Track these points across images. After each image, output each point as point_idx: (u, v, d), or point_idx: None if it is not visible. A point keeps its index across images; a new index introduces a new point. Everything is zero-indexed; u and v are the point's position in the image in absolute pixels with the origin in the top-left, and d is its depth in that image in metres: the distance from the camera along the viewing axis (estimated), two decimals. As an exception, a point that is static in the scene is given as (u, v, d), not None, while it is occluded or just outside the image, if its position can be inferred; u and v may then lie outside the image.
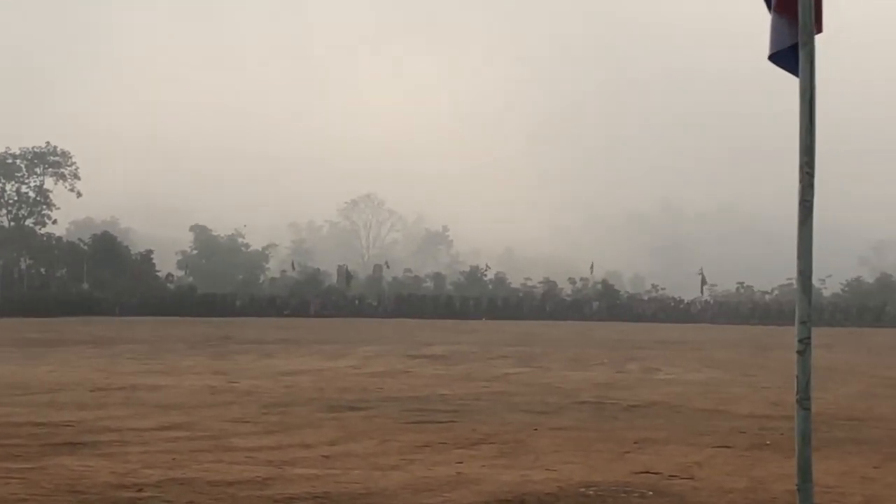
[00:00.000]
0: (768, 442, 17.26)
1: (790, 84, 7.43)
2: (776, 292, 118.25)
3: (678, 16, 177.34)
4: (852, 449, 16.90)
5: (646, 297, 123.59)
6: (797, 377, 6.82)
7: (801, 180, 7.17)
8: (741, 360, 42.26)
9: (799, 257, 7.08)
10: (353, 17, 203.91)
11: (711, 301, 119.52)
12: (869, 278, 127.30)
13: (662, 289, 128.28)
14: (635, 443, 17.20)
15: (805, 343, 6.85)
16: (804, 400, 6.81)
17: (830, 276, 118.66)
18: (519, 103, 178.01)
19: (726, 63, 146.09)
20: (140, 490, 12.10)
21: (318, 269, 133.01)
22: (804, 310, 6.94)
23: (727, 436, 18.29)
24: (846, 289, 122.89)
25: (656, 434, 18.34)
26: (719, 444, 17.21)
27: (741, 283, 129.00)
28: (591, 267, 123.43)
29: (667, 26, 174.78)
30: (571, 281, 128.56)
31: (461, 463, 14.82)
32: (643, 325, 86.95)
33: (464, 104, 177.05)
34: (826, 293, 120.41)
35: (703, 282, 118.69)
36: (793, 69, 7.45)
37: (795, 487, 7.31)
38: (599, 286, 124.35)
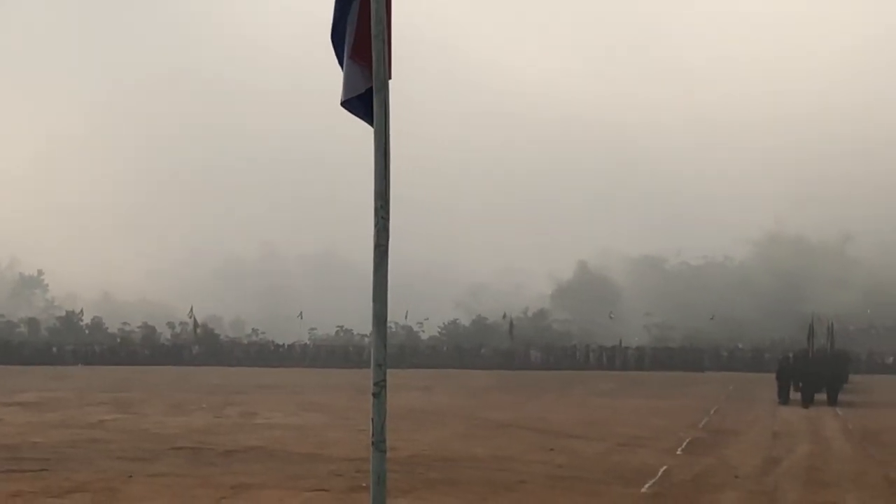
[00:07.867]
0: (364, 484, 17.70)
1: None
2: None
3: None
4: (447, 490, 17.56)
5: (246, 342, 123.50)
6: (372, 420, 6.99)
7: (376, 225, 7.24)
8: (339, 404, 42.92)
9: (375, 301, 7.17)
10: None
11: (311, 345, 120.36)
12: (465, 321, 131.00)
13: (263, 333, 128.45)
14: (232, 488, 17.33)
15: (380, 386, 7.03)
16: (380, 442, 6.99)
17: (427, 319, 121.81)
18: (108, 139, 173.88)
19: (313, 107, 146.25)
20: None
21: None
22: (380, 353, 7.10)
23: (324, 479, 18.67)
24: (443, 331, 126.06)
25: (253, 479, 18.53)
26: (316, 487, 17.55)
27: (341, 327, 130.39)
28: (191, 311, 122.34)
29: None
30: (171, 325, 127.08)
31: (51, 513, 14.60)
32: (244, 370, 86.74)
33: (49, 142, 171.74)
34: (424, 336, 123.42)
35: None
36: (363, 115, 7.76)
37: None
38: (199, 331, 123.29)
